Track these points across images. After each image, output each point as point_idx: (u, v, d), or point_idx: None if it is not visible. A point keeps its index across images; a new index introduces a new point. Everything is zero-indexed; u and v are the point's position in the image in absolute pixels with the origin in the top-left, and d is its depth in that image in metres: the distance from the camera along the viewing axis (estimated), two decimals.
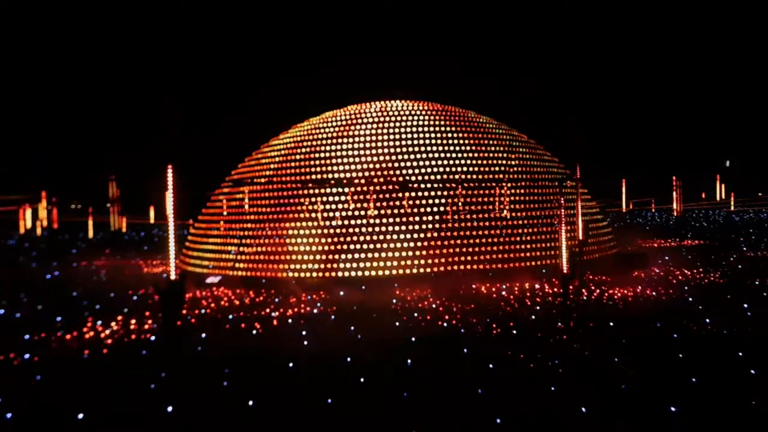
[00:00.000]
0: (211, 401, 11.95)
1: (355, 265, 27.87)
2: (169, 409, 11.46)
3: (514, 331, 17.07)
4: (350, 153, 30.95)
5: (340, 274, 27.71)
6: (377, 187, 29.45)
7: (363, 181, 29.63)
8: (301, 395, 12.17)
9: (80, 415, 11.19)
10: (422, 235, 28.46)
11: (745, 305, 19.61)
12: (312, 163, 31.26)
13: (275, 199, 30.76)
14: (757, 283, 24.78)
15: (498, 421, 10.46)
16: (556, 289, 24.39)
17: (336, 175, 30.14)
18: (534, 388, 12.13)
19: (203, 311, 22.01)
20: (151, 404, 11.81)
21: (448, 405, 11.35)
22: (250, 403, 11.65)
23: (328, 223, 29.00)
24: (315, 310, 21.82)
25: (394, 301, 22.94)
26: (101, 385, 13.04)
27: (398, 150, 30.75)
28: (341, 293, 24.87)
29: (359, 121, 32.97)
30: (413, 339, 16.42)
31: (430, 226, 28.73)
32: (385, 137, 31.43)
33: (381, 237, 28.35)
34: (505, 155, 32.31)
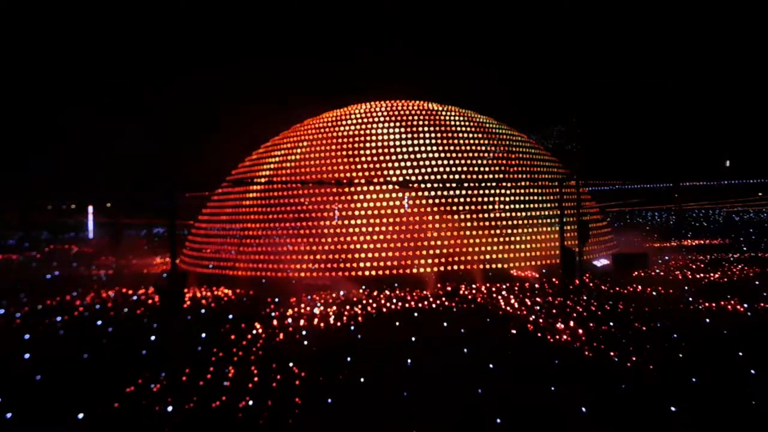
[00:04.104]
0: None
1: (355, 264, 27.91)
2: (170, 409, 11.47)
3: (514, 331, 17.07)
4: (350, 153, 30.97)
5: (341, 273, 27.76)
6: (377, 187, 29.46)
7: (363, 181, 29.64)
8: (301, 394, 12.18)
9: (80, 415, 11.20)
10: (422, 235, 28.49)
11: (746, 305, 19.65)
12: (312, 163, 31.30)
13: (275, 199, 30.79)
14: (757, 283, 24.81)
15: (498, 421, 10.46)
16: (556, 289, 24.39)
17: (336, 175, 30.16)
18: (534, 388, 12.13)
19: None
20: (151, 403, 11.82)
21: (448, 405, 11.35)
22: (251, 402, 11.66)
23: (327, 222, 29.03)
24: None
25: (394, 300, 22.95)
26: (100, 384, 13.05)
27: (398, 150, 30.77)
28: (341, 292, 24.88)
29: (359, 121, 33.00)
30: (413, 339, 16.43)
31: (430, 226, 28.76)
32: (385, 137, 31.45)
33: (380, 237, 28.39)
34: (505, 155, 32.34)
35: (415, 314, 20.00)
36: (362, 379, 12.90)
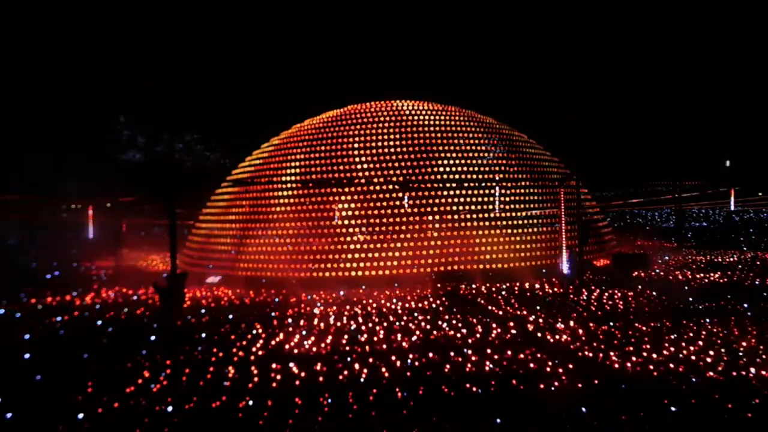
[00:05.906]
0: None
1: (354, 264, 27.91)
2: (170, 409, 11.48)
3: (514, 331, 17.08)
4: (350, 153, 30.99)
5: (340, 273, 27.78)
6: (377, 187, 29.47)
7: (363, 181, 29.66)
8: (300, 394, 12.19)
9: (80, 415, 11.20)
10: (422, 235, 28.51)
11: (746, 305, 19.65)
12: (312, 163, 31.31)
13: (275, 200, 30.80)
14: (757, 282, 24.81)
15: (498, 421, 10.46)
16: (556, 289, 24.40)
17: (336, 175, 30.18)
18: (534, 387, 12.13)
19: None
20: (151, 403, 11.82)
21: (448, 405, 11.35)
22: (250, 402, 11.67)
23: (327, 222, 29.05)
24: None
25: (394, 300, 22.95)
26: (100, 384, 13.05)
27: (398, 150, 30.79)
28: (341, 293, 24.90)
29: (359, 120, 33.03)
30: (413, 339, 16.45)
31: (430, 226, 28.78)
32: (386, 137, 31.48)
33: (381, 237, 28.39)
34: (505, 155, 32.37)
35: (415, 314, 20.01)
36: (362, 379, 12.91)
